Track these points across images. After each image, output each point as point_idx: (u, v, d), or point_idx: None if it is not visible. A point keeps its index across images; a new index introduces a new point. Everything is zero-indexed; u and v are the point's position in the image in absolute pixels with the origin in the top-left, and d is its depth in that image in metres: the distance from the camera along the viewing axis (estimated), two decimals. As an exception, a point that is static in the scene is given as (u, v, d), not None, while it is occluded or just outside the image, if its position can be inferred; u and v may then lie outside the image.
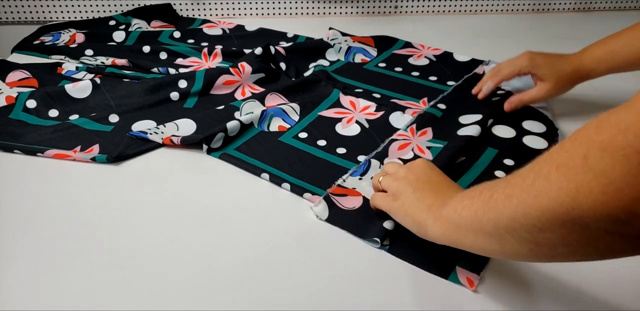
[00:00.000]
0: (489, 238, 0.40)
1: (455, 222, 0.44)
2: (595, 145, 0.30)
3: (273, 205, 0.60)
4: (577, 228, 0.32)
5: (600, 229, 0.31)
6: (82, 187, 0.63)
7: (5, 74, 0.84)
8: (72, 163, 0.67)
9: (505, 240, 0.38)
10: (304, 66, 0.90)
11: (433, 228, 0.47)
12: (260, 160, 0.67)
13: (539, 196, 0.34)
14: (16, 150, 0.68)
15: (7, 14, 1.06)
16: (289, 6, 1.11)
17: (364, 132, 0.73)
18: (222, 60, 0.91)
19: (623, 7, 1.17)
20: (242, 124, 0.71)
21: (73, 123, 0.73)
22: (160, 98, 0.79)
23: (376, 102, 0.78)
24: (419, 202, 0.49)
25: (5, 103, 0.77)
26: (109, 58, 0.90)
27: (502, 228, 0.38)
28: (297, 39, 1.01)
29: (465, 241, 0.43)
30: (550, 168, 0.33)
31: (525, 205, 0.35)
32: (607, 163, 0.29)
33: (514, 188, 0.37)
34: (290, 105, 0.76)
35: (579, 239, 0.33)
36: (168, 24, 1.06)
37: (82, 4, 1.06)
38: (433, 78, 0.87)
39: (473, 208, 0.41)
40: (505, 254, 0.41)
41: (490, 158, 0.67)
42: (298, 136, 0.72)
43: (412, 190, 0.51)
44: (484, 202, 0.40)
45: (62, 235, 0.55)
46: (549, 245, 0.35)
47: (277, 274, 0.51)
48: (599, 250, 0.33)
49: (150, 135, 0.70)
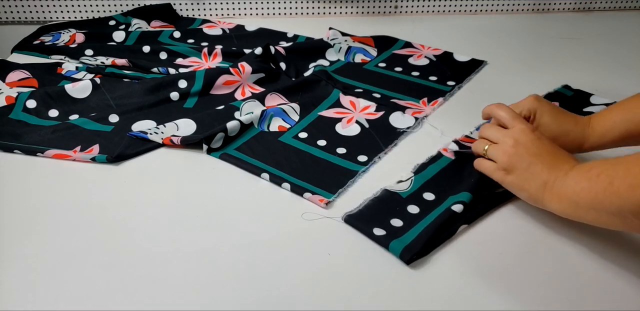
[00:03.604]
0: (611, 217, 0.45)
1: (575, 201, 0.48)
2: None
3: (273, 205, 0.60)
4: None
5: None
6: (81, 187, 0.63)
7: (5, 74, 0.84)
8: (71, 163, 0.67)
9: (629, 220, 0.43)
10: (304, 66, 0.90)
11: (551, 204, 0.51)
12: (261, 160, 0.67)
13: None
14: (16, 150, 0.68)
15: (7, 13, 1.05)
16: (289, 6, 1.11)
17: (364, 132, 0.73)
18: (222, 60, 0.91)
19: (623, 7, 1.17)
20: (242, 124, 0.71)
21: (73, 123, 0.73)
22: (160, 98, 0.79)
23: (376, 102, 0.78)
24: (534, 177, 0.52)
25: (5, 103, 0.77)
26: (109, 58, 0.90)
27: (627, 212, 0.42)
28: (297, 39, 1.00)
29: (587, 217, 0.48)
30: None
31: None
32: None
33: (636, 178, 0.41)
34: (290, 105, 0.76)
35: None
36: (168, 24, 1.06)
37: (82, 4, 1.06)
38: (433, 78, 0.87)
39: (593, 191, 0.45)
40: (629, 229, 0.45)
41: None
42: (298, 136, 0.72)
43: (525, 165, 0.52)
44: (603, 187, 0.44)
45: (62, 235, 0.55)
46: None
47: (277, 274, 0.51)
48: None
49: (150, 135, 0.70)
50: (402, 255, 0.52)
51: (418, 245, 0.53)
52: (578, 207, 0.48)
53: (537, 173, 0.52)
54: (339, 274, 0.51)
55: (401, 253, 0.52)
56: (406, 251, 0.52)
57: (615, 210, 0.44)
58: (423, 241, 0.53)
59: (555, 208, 0.51)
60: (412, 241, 0.54)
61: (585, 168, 0.48)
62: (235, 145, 0.70)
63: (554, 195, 0.50)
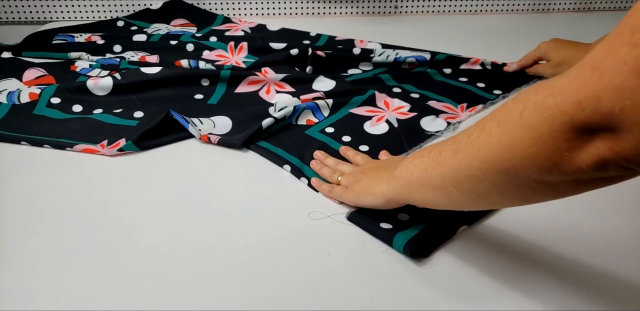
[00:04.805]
0: (436, 191, 0.45)
1: (407, 179, 0.49)
2: (531, 104, 0.34)
3: (273, 206, 0.60)
4: (511, 177, 0.37)
5: (529, 177, 0.36)
6: (82, 187, 0.63)
7: (21, 73, 0.85)
8: (71, 163, 0.66)
9: (450, 192, 0.43)
10: (341, 70, 0.89)
11: (388, 190, 0.52)
12: (286, 150, 0.68)
13: (481, 149, 0.38)
14: (46, 145, 0.69)
15: (7, 14, 1.05)
16: (289, 6, 1.11)
17: (391, 132, 0.72)
18: (248, 54, 0.91)
19: (623, 7, 1.17)
20: (276, 119, 0.72)
21: (97, 118, 0.74)
22: (185, 94, 0.79)
23: (411, 103, 0.77)
24: (375, 179, 0.55)
25: (29, 100, 0.78)
26: (138, 53, 0.90)
27: (448, 181, 0.43)
28: (320, 38, 1.00)
29: (416, 196, 0.49)
30: (492, 124, 0.38)
31: (469, 157, 0.39)
32: (538, 120, 0.33)
33: (459, 144, 0.41)
34: (325, 101, 0.76)
35: (511, 187, 0.38)
36: (189, 23, 1.05)
37: (82, 4, 1.06)
38: (481, 84, 0.85)
39: (423, 165, 0.46)
40: (450, 205, 0.46)
41: None
42: (325, 130, 0.72)
43: (367, 176, 0.57)
44: (433, 158, 0.45)
45: (62, 235, 0.55)
46: (487, 194, 0.40)
47: (277, 274, 0.51)
48: (528, 196, 0.39)
49: (190, 125, 0.70)
50: (405, 247, 0.52)
51: (421, 238, 0.53)
52: (409, 186, 0.48)
53: (376, 176, 0.55)
54: (339, 274, 0.51)
55: (405, 246, 0.52)
56: (410, 243, 0.52)
57: (440, 182, 0.44)
58: (427, 234, 0.54)
59: (391, 192, 0.51)
60: (416, 234, 0.54)
61: (422, 149, 0.49)
62: (263, 135, 0.70)
63: (390, 180, 0.52)
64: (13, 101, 0.78)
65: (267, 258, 0.53)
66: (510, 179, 0.37)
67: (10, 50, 0.92)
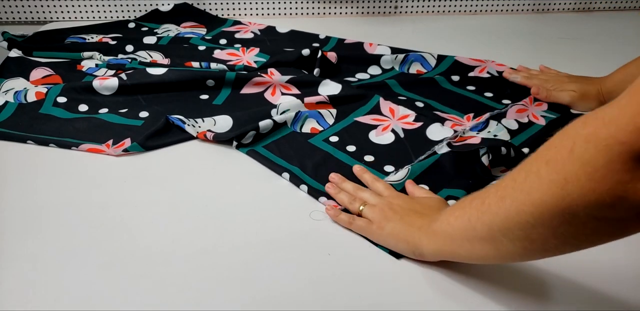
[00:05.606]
0: (483, 243, 0.42)
1: (449, 234, 0.45)
2: (581, 138, 0.32)
3: (273, 206, 0.60)
4: (567, 218, 0.34)
5: (589, 216, 0.33)
6: (82, 187, 0.63)
7: (28, 72, 0.85)
8: (70, 163, 0.66)
9: (500, 243, 0.40)
10: (350, 73, 0.88)
11: (428, 245, 0.48)
12: (286, 159, 0.67)
13: (531, 192, 0.36)
14: (51, 144, 0.69)
15: (7, 14, 1.05)
16: (288, 6, 1.11)
17: (397, 142, 0.70)
18: (259, 52, 0.91)
19: (623, 7, 1.17)
20: (275, 123, 0.71)
21: (103, 118, 0.74)
22: (190, 94, 0.79)
23: (417, 112, 0.75)
24: (409, 226, 0.51)
25: (36, 99, 0.78)
26: (150, 53, 0.90)
27: (497, 230, 0.40)
28: (329, 40, 0.99)
29: (461, 252, 0.45)
30: (539, 165, 0.35)
31: (519, 202, 0.37)
32: (592, 153, 0.31)
33: (505, 189, 0.39)
34: (328, 110, 0.75)
35: (569, 229, 0.35)
36: (199, 24, 1.05)
37: (82, 4, 1.06)
38: (489, 94, 0.82)
39: (466, 216, 0.43)
40: (501, 257, 0.43)
41: None
42: (329, 139, 0.71)
43: (399, 217, 0.52)
44: (476, 208, 0.42)
45: (62, 235, 0.55)
46: (542, 239, 0.37)
47: (277, 274, 0.51)
48: (588, 238, 0.36)
49: (187, 126, 0.70)
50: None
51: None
52: (453, 241, 0.45)
53: (412, 222, 0.51)
54: (339, 274, 0.51)
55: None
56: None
57: (487, 232, 0.41)
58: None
59: (431, 249, 0.48)
60: None
61: (462, 200, 0.46)
62: (264, 142, 0.70)
63: (430, 235, 0.48)
64: (20, 100, 0.78)
65: (267, 258, 0.53)
66: (566, 220, 0.34)
67: (20, 46, 0.92)
